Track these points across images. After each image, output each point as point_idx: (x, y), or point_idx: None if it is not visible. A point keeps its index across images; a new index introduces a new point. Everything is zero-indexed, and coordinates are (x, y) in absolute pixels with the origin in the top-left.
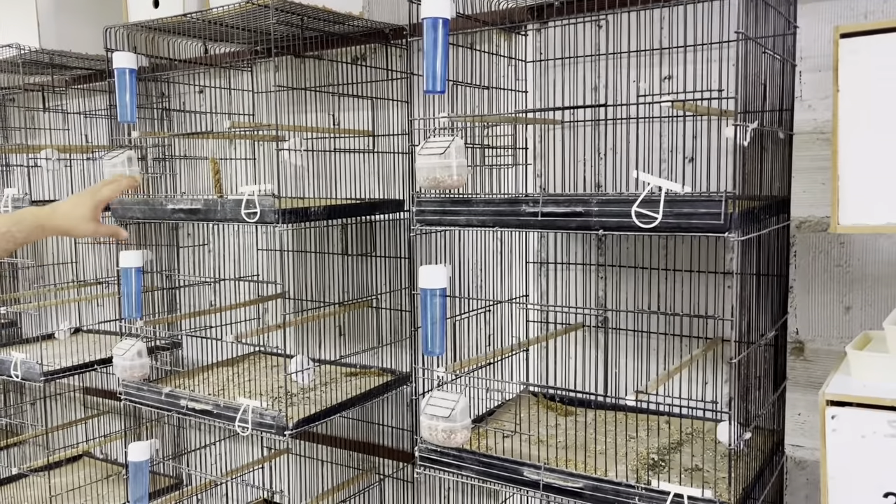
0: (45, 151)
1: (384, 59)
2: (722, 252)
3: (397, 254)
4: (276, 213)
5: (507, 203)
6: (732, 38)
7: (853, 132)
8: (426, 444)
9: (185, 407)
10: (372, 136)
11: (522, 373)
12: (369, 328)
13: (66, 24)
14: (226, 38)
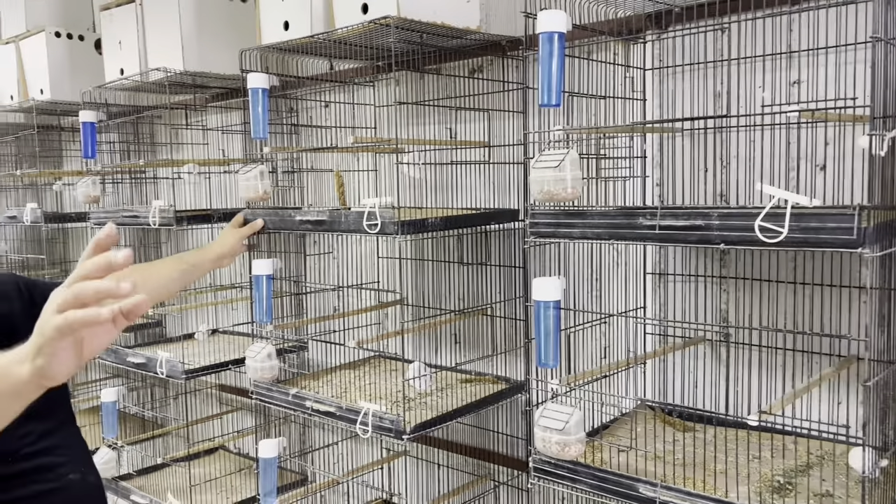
0: (187, 166)
1: (500, 70)
2: (857, 266)
3: (512, 263)
4: (395, 224)
5: (623, 215)
6: (866, 40)
7: None
8: (540, 456)
9: (311, 408)
10: (488, 146)
11: (639, 387)
12: (484, 336)
13: (206, 48)
14: (350, 55)
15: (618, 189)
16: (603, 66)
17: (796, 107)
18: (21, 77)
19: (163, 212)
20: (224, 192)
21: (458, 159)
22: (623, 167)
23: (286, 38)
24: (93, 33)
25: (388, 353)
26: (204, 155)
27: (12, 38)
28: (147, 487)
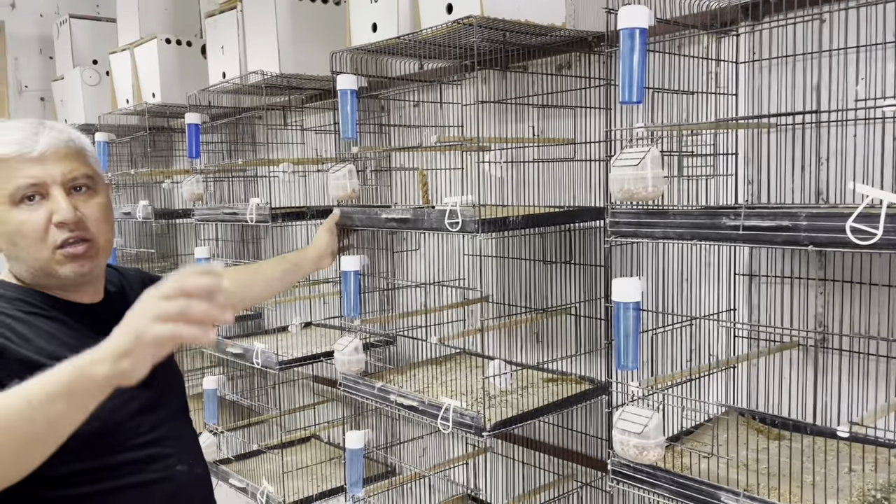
0: (283, 165)
1: (587, 67)
2: None
3: (595, 262)
4: (475, 222)
5: (707, 215)
6: None
7: None
8: (619, 459)
9: (395, 402)
10: (572, 144)
11: (727, 392)
12: (567, 335)
13: (301, 51)
14: (435, 55)
15: (709, 188)
16: (691, 60)
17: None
18: (135, 82)
19: (259, 209)
20: (318, 190)
21: (542, 157)
22: (710, 165)
23: (374, 40)
24: (199, 39)
25: (473, 351)
26: (300, 154)
27: (128, 45)
28: (244, 472)
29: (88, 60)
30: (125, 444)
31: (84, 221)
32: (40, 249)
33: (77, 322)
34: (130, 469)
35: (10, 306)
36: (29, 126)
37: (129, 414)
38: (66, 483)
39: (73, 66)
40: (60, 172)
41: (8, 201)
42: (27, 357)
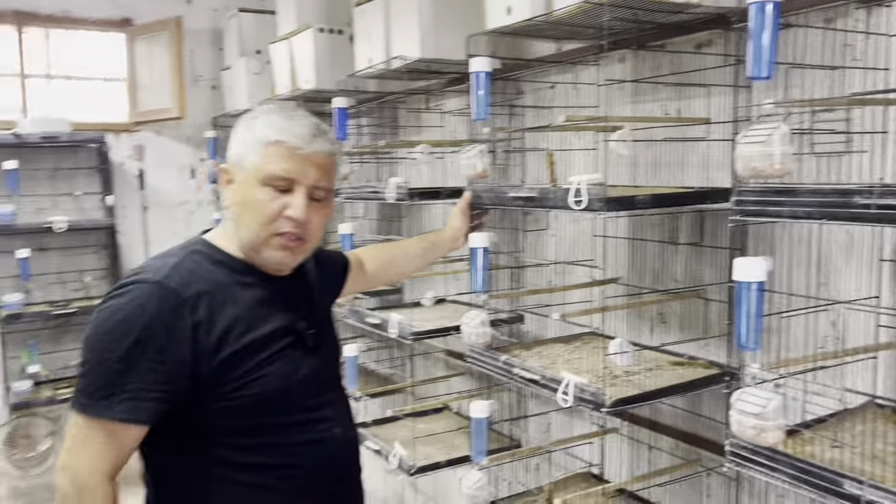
0: (420, 147)
1: (725, 45)
2: None
3: (725, 244)
4: (601, 201)
5: (837, 193)
6: None
7: None
8: (736, 440)
9: (517, 375)
10: (706, 123)
11: (866, 382)
12: (696, 319)
13: (441, 36)
14: (569, 36)
15: (853, 167)
16: (835, 34)
17: None
18: (292, 69)
19: (398, 188)
20: (453, 171)
21: (673, 137)
22: (847, 141)
23: (509, 22)
24: (349, 27)
25: (601, 332)
26: (439, 137)
27: (286, 35)
28: (380, 435)
29: (253, 51)
30: (298, 404)
31: (309, 226)
32: (263, 228)
33: (266, 287)
34: (300, 427)
35: (215, 268)
36: (311, 126)
37: (302, 377)
38: (250, 433)
39: (240, 56)
40: (314, 178)
41: (258, 176)
42: (218, 322)
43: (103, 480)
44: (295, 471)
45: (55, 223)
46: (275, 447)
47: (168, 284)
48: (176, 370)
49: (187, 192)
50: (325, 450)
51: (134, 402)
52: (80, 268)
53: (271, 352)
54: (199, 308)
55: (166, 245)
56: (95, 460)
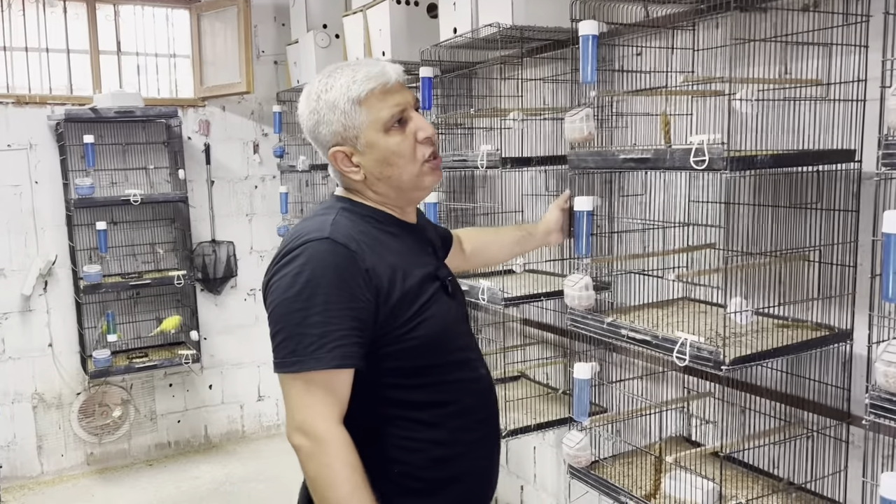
0: (512, 114)
1: (838, 4)
2: None
3: (842, 206)
4: (724, 160)
5: None
6: None
7: None
8: (879, 392)
9: (626, 336)
10: (826, 84)
11: None
12: (804, 282)
13: (532, 3)
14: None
15: None
16: None
17: None
18: (367, 41)
19: (490, 155)
20: (545, 138)
21: (786, 98)
22: None
23: None
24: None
25: (695, 297)
26: (529, 104)
27: (360, 7)
28: None
29: (319, 25)
30: (453, 345)
31: (434, 136)
32: (414, 164)
33: (408, 236)
34: (454, 367)
35: (363, 222)
36: (373, 62)
37: (453, 320)
38: (417, 373)
39: (307, 31)
40: (411, 98)
41: (381, 128)
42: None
43: (338, 427)
44: (452, 406)
45: (132, 196)
46: (437, 385)
47: (338, 239)
48: (365, 315)
49: (251, 166)
50: (477, 388)
51: (342, 349)
52: (151, 241)
53: (428, 295)
54: (366, 257)
55: (232, 218)
56: (324, 410)
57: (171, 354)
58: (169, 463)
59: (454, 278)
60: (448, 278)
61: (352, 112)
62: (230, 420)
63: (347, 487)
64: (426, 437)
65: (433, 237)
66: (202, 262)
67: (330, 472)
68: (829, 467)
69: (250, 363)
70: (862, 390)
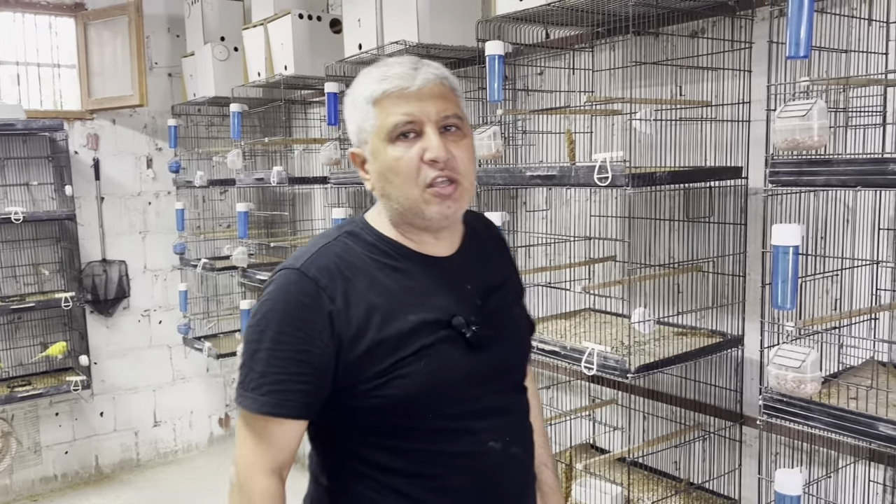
0: None
1: (725, 30)
2: None
3: (731, 220)
4: (626, 177)
5: (871, 162)
6: None
7: None
8: (772, 394)
9: (535, 348)
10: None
11: (870, 341)
12: (698, 292)
13: (438, 21)
14: (575, 22)
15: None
16: (844, 19)
17: None
18: (268, 55)
19: None
20: None
21: (679, 118)
22: (865, 118)
23: (521, 8)
24: (327, 14)
25: (599, 309)
26: None
27: (260, 21)
28: None
29: (217, 37)
30: (445, 410)
31: (453, 161)
32: (411, 187)
33: (422, 273)
34: (444, 435)
35: (364, 251)
36: (409, 62)
37: (455, 379)
38: (387, 435)
39: (204, 43)
40: (435, 110)
41: (385, 137)
42: (356, 312)
43: (265, 478)
44: (433, 482)
45: (12, 214)
46: (414, 454)
47: (308, 271)
48: (318, 362)
49: (145, 182)
50: (473, 464)
51: (278, 395)
52: (34, 261)
53: (414, 348)
54: (336, 296)
55: (124, 236)
56: (253, 457)
57: (57, 381)
58: (55, 497)
59: (504, 321)
60: (473, 326)
61: (366, 112)
62: (124, 448)
63: None
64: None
65: (485, 275)
66: (92, 283)
67: None
68: (724, 466)
69: (145, 387)
70: (753, 392)
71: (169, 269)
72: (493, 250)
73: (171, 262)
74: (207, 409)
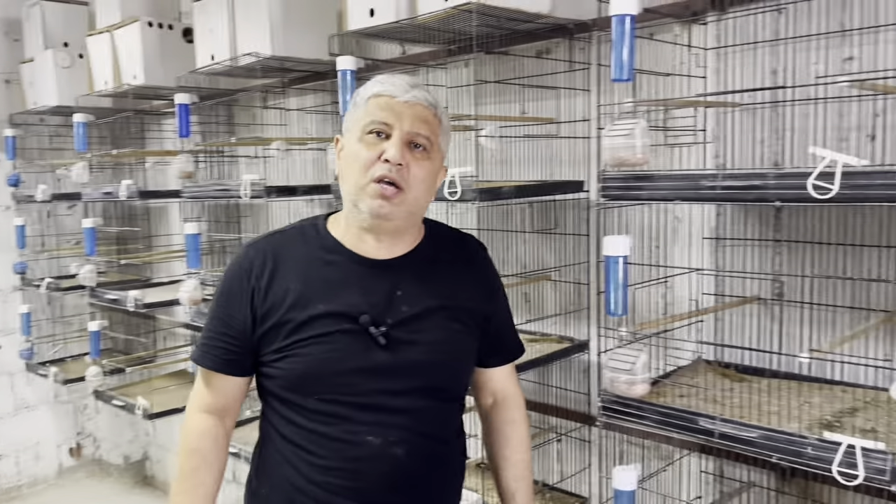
0: (277, 143)
1: (566, 52)
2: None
3: (576, 231)
4: (474, 192)
5: (688, 178)
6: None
7: None
8: (608, 395)
9: None
10: (554, 122)
11: (702, 341)
12: (549, 300)
13: (292, 33)
14: (428, 39)
15: (681, 159)
16: (667, 45)
17: (848, 77)
18: (115, 63)
19: (254, 185)
20: (307, 168)
21: (526, 135)
22: (685, 137)
23: (372, 24)
24: (179, 22)
25: None
26: (287, 134)
27: (106, 27)
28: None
29: (59, 43)
30: (326, 394)
31: (405, 171)
32: (361, 176)
33: (349, 269)
34: (323, 418)
35: (306, 242)
36: (410, 80)
37: (346, 370)
38: (286, 404)
39: (45, 49)
40: (409, 123)
41: (360, 130)
42: (273, 293)
43: (198, 414)
44: (310, 457)
45: None
46: (299, 427)
47: (249, 251)
48: (236, 326)
49: None
50: (346, 451)
51: (205, 349)
52: None
53: (315, 333)
54: (262, 276)
55: None
56: (193, 396)
57: None
58: None
59: (431, 333)
60: (385, 328)
61: (360, 104)
62: None
63: (180, 469)
64: (284, 472)
65: (431, 287)
66: None
67: (180, 451)
68: (576, 466)
69: None
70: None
71: (9, 290)
72: (459, 271)
73: (12, 282)
74: (56, 438)
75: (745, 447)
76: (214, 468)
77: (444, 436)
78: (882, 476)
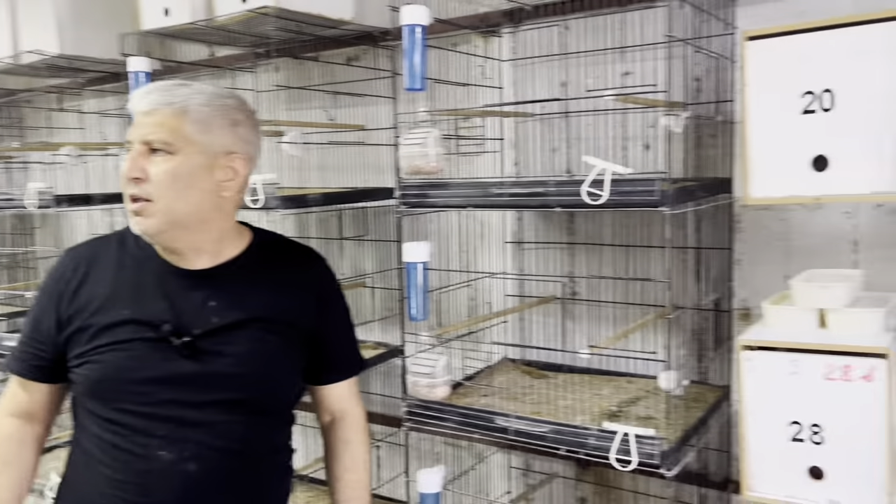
0: (66, 149)
1: (373, 59)
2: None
3: (388, 237)
4: (278, 199)
5: (479, 186)
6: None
7: (759, 120)
8: (412, 400)
9: None
10: (362, 129)
11: (501, 341)
12: (364, 306)
13: (83, 31)
14: (231, 42)
15: (484, 166)
16: (465, 56)
17: (613, 91)
18: None
19: (42, 194)
20: (104, 174)
21: (336, 141)
22: (481, 145)
23: (167, 24)
24: None
25: None
26: (81, 139)
27: None
28: None
29: None
30: (124, 406)
31: (143, 181)
32: (125, 198)
33: (157, 278)
34: (114, 427)
35: (120, 247)
36: (153, 86)
37: (142, 379)
38: (84, 410)
39: None
40: (142, 132)
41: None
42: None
43: (3, 416)
44: (101, 467)
45: None
46: (97, 436)
47: (67, 255)
48: (43, 331)
49: None
50: (135, 465)
51: (16, 354)
52: None
53: (111, 340)
54: (73, 280)
55: None
56: (3, 401)
57: None
58: None
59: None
60: (189, 338)
61: None
62: None
63: None
64: (81, 484)
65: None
66: None
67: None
68: (394, 471)
69: None
70: None
71: None
72: (284, 283)
73: None
74: None
75: (538, 442)
76: (17, 471)
77: (255, 452)
78: (653, 460)
